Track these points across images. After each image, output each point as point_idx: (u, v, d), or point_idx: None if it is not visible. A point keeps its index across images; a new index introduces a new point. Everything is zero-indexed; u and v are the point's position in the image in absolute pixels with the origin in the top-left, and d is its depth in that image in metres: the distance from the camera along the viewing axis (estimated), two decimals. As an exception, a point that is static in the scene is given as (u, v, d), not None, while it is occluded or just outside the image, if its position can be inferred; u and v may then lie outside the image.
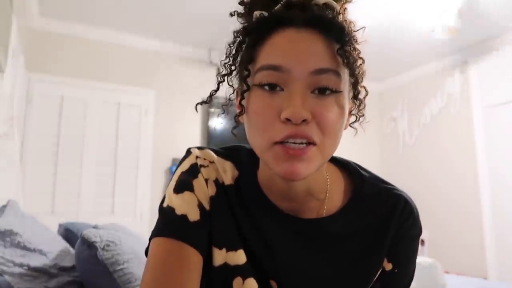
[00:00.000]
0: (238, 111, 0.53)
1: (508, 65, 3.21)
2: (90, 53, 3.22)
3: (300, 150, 0.46)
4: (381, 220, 0.56)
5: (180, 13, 2.95)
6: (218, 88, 0.54)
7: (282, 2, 0.50)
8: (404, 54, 3.66)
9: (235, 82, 0.55)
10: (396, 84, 4.30)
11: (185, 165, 0.56)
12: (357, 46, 0.50)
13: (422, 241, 3.80)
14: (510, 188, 3.14)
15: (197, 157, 0.56)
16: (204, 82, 3.21)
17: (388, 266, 0.57)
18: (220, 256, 0.53)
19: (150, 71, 3.42)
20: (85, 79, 3.16)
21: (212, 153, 0.58)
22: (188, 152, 0.58)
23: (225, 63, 0.53)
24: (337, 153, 0.68)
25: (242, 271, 0.53)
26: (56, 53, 3.09)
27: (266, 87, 0.47)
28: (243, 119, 0.52)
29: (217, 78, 0.53)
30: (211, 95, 0.55)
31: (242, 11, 0.55)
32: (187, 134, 3.47)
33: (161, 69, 3.47)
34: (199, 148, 0.58)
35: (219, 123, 3.59)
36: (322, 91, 0.47)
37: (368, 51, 0.55)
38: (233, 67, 0.52)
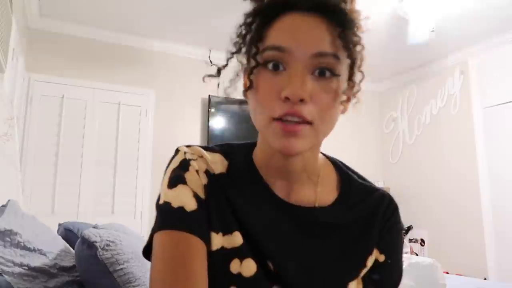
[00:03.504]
0: (244, 87, 0.56)
1: (508, 65, 3.21)
2: (90, 53, 3.22)
3: (295, 126, 0.49)
4: (368, 214, 0.61)
5: (180, 12, 2.95)
6: (226, 64, 0.57)
7: None
8: (404, 54, 3.66)
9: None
10: (396, 84, 4.30)
11: (175, 162, 0.58)
12: (359, 33, 0.53)
13: (422, 241, 3.80)
14: (510, 188, 3.14)
15: (185, 153, 0.59)
16: (204, 82, 3.23)
17: (381, 258, 0.61)
18: (217, 240, 0.54)
19: (150, 71, 3.42)
20: (85, 79, 3.16)
21: (200, 149, 0.61)
22: (176, 150, 0.61)
23: (234, 42, 0.56)
24: (337, 154, 0.69)
25: (239, 253, 0.54)
26: (56, 53, 3.09)
27: (270, 66, 0.51)
28: (249, 94, 0.55)
29: (226, 55, 0.57)
30: (219, 70, 0.58)
31: None
32: (187, 134, 3.47)
33: (161, 69, 3.47)
34: (186, 146, 0.61)
35: (219, 123, 3.58)
36: (321, 73, 0.50)
37: (368, 52, 0.55)
38: (242, 45, 0.56)
